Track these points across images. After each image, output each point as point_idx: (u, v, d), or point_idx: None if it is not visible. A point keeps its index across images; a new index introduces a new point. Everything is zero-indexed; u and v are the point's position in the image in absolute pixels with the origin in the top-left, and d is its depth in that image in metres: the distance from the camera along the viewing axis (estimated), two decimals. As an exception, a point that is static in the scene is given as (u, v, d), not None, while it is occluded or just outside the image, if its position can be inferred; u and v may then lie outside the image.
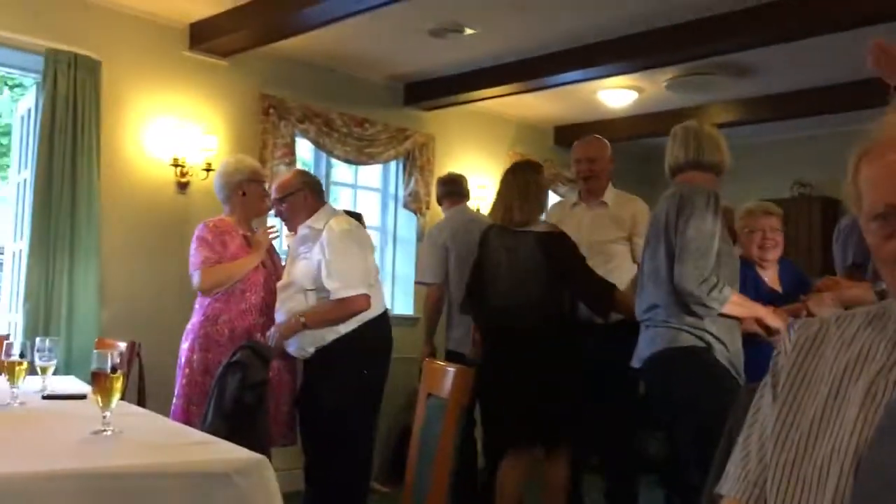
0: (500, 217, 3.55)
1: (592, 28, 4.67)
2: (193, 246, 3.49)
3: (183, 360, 3.46)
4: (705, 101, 6.09)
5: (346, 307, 3.28)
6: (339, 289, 3.24)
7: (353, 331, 3.30)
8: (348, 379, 3.30)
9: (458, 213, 4.56)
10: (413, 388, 5.40)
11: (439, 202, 4.79)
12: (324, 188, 3.72)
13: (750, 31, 4.36)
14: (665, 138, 3.04)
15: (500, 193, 3.62)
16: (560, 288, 3.44)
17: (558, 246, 3.45)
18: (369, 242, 3.55)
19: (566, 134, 6.68)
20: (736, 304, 2.76)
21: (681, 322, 2.77)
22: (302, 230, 3.41)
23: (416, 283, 4.59)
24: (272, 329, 3.38)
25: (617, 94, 5.87)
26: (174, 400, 3.45)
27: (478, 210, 5.38)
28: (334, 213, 3.51)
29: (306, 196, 3.45)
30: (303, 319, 3.28)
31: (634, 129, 6.50)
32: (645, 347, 2.91)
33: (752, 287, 3.21)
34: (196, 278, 3.44)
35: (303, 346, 3.34)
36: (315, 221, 3.39)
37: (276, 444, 3.34)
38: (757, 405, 1.16)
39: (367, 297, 3.28)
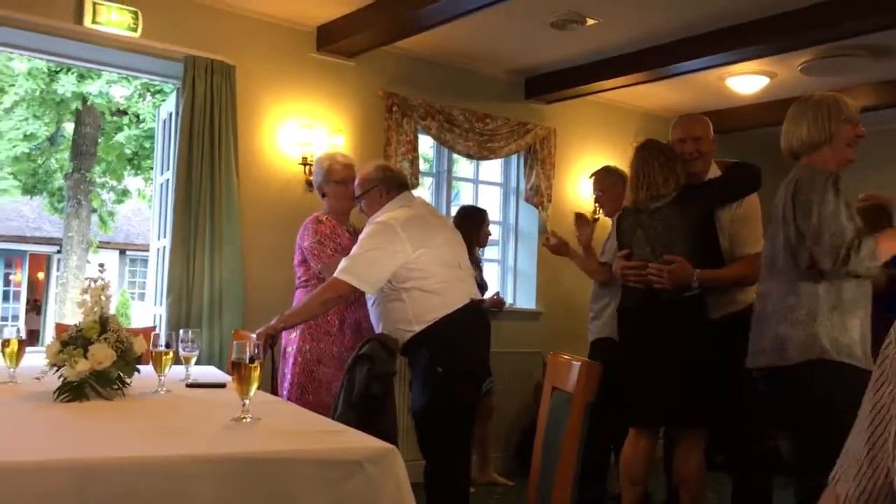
0: (644, 196, 3.38)
1: (719, 13, 4.50)
2: (314, 240, 3.52)
3: (293, 349, 3.52)
4: (844, 85, 5.73)
5: (319, 295, 3.21)
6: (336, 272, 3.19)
7: (429, 326, 3.19)
8: (426, 373, 3.23)
9: None
10: (537, 382, 5.42)
11: (619, 192, 4.43)
12: (444, 179, 3.66)
13: (893, 8, 4.09)
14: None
15: (640, 172, 3.41)
16: (702, 250, 3.30)
17: (695, 188, 3.37)
18: (407, 237, 3.17)
19: (692, 123, 6.47)
20: (884, 249, 2.59)
21: (794, 321, 2.62)
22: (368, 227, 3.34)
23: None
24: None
25: (747, 80, 5.63)
26: (286, 386, 3.49)
27: None
28: (402, 204, 3.32)
29: (381, 192, 3.36)
30: (281, 325, 3.22)
31: (766, 116, 6.21)
32: (762, 344, 2.76)
33: None
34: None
35: None
36: (377, 216, 3.31)
37: None
38: (873, 400, 1.05)
39: (344, 284, 3.14)
